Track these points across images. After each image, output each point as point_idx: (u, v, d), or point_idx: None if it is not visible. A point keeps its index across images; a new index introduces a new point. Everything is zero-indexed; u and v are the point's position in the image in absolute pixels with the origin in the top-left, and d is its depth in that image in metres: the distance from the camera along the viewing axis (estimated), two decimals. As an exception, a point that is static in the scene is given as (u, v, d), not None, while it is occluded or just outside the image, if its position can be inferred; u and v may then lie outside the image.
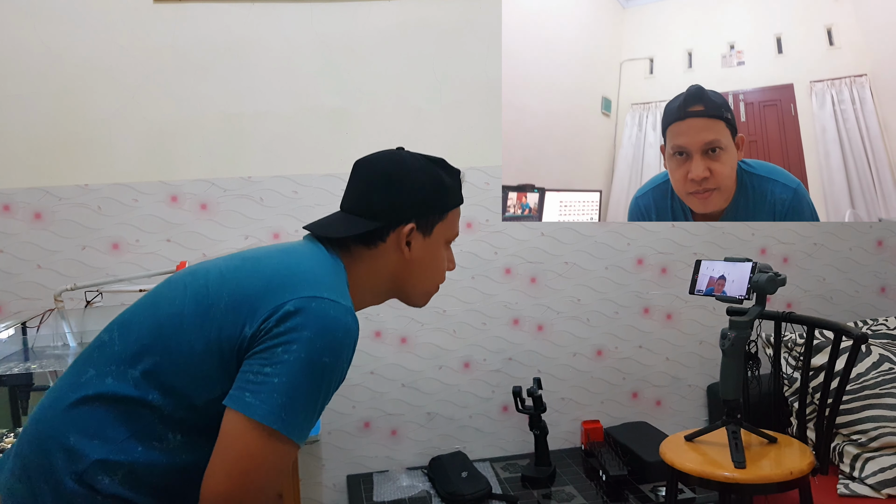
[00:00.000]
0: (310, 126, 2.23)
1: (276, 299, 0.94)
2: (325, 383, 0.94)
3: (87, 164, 2.12)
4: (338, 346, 0.94)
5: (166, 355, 0.96)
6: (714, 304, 2.52)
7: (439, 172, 1.12)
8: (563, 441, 2.47)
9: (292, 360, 0.91)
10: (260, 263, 1.02)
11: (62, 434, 0.95)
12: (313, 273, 1.00)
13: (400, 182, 1.09)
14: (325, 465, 2.32)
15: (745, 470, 1.54)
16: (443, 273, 1.17)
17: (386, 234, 1.09)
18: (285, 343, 0.91)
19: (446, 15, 2.28)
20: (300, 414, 0.92)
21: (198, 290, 1.00)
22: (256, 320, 0.93)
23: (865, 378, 2.14)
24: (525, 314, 2.42)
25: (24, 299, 2.10)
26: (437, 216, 1.12)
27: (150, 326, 0.99)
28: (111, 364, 0.98)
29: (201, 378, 0.95)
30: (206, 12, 2.15)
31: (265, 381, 0.90)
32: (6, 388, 1.71)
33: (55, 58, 2.09)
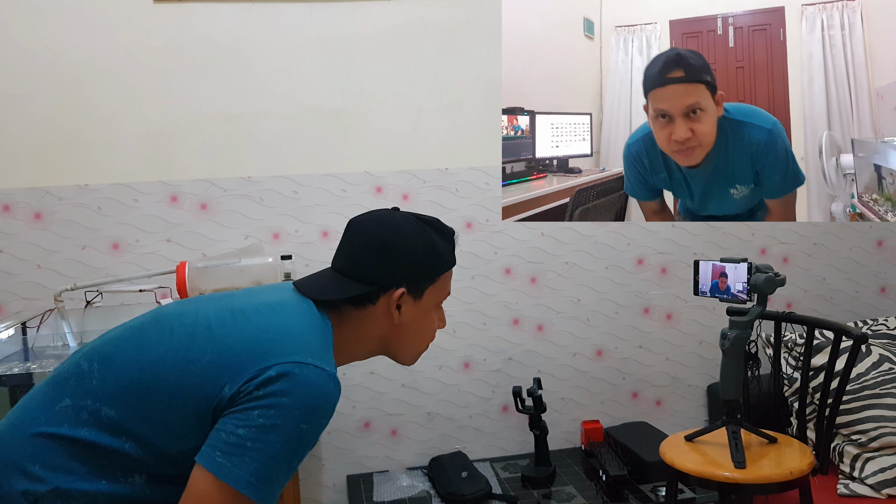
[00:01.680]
0: (310, 126, 2.23)
1: (261, 362, 0.93)
2: (299, 449, 0.93)
3: (87, 165, 2.12)
4: (317, 414, 0.94)
5: (143, 404, 0.94)
6: (714, 304, 2.52)
7: (432, 237, 1.12)
8: (563, 441, 2.47)
9: (268, 426, 0.90)
10: (248, 321, 1.00)
11: (26, 461, 0.93)
12: (300, 336, 0.99)
13: (393, 248, 1.08)
14: (325, 465, 2.32)
15: (745, 470, 1.54)
16: (432, 335, 1.18)
17: (376, 297, 1.09)
18: (264, 407, 0.90)
19: (446, 15, 2.28)
20: (272, 479, 0.91)
21: (183, 340, 0.98)
22: (238, 382, 0.92)
23: (865, 378, 2.14)
24: (525, 314, 2.42)
25: (24, 299, 2.10)
26: (428, 281, 1.12)
27: (131, 370, 0.97)
28: (87, 398, 0.96)
29: (175, 430, 0.94)
30: (206, 12, 2.15)
31: (238, 443, 0.89)
32: (6, 388, 1.71)
33: (55, 58, 2.09)
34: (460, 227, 2.34)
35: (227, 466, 0.89)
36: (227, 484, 0.88)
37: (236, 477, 0.88)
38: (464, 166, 2.33)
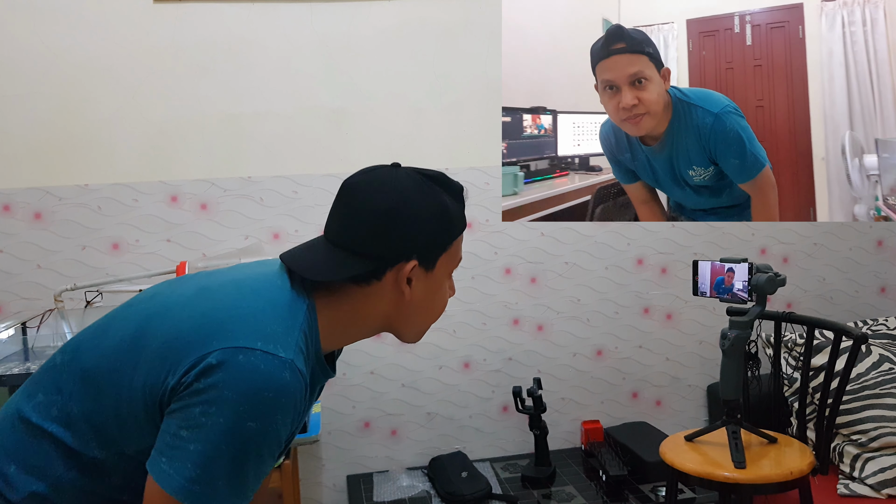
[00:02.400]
0: (310, 126, 2.23)
1: (202, 348, 0.83)
2: (252, 451, 0.81)
3: (86, 164, 2.12)
4: (267, 409, 0.81)
5: (99, 396, 0.88)
6: (714, 304, 2.52)
7: (443, 197, 0.98)
8: (563, 441, 2.47)
9: (210, 425, 0.79)
10: (206, 299, 0.90)
11: (3, 460, 0.89)
12: (254, 315, 0.87)
13: (400, 215, 0.93)
14: (325, 465, 2.32)
15: (745, 470, 1.54)
16: (444, 307, 1.05)
17: (382, 272, 0.94)
18: (204, 403, 0.80)
19: (446, 15, 2.28)
20: (221, 487, 0.80)
21: (142, 324, 0.90)
22: (179, 371, 0.82)
23: (865, 378, 2.14)
24: (525, 314, 2.42)
25: (24, 299, 2.10)
26: (440, 250, 0.98)
27: (93, 359, 0.90)
28: (57, 393, 0.90)
29: (128, 426, 0.86)
30: (206, 12, 2.15)
31: (181, 446, 0.80)
32: (6, 388, 1.71)
33: (55, 58, 2.09)
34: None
35: (170, 474, 0.79)
36: (171, 495, 0.79)
37: (176, 486, 0.79)
38: (464, 166, 2.33)
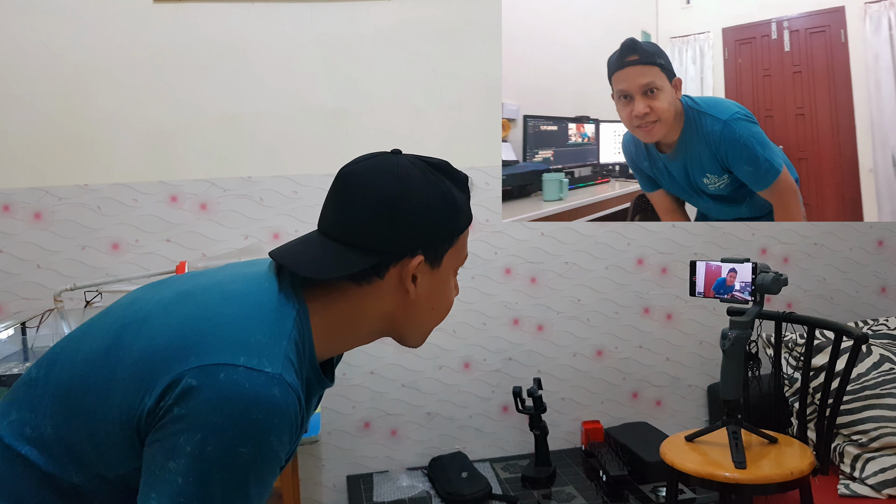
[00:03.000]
0: (310, 126, 2.23)
1: (178, 365, 0.74)
2: (251, 477, 0.74)
3: (86, 164, 2.12)
4: (259, 432, 0.73)
5: (72, 414, 0.80)
6: (714, 304, 2.51)
7: (449, 187, 0.89)
8: (564, 441, 2.47)
9: (198, 455, 0.71)
10: (184, 307, 0.82)
11: None
12: (235, 325, 0.78)
13: (404, 206, 0.85)
14: (325, 466, 2.32)
15: (746, 470, 1.54)
16: (450, 306, 0.96)
17: (385, 269, 0.86)
18: (188, 431, 0.71)
19: (446, 15, 2.28)
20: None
21: (117, 333, 0.82)
22: (155, 392, 0.74)
23: (866, 378, 2.14)
24: (525, 314, 2.42)
25: (24, 299, 2.10)
26: (447, 244, 0.90)
27: (67, 370, 0.83)
28: (32, 411, 0.82)
29: (106, 450, 0.78)
30: (206, 12, 2.15)
31: (169, 479, 0.71)
32: (6, 388, 1.71)
33: (55, 58, 2.08)
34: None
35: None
36: None
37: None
38: (464, 166, 2.28)
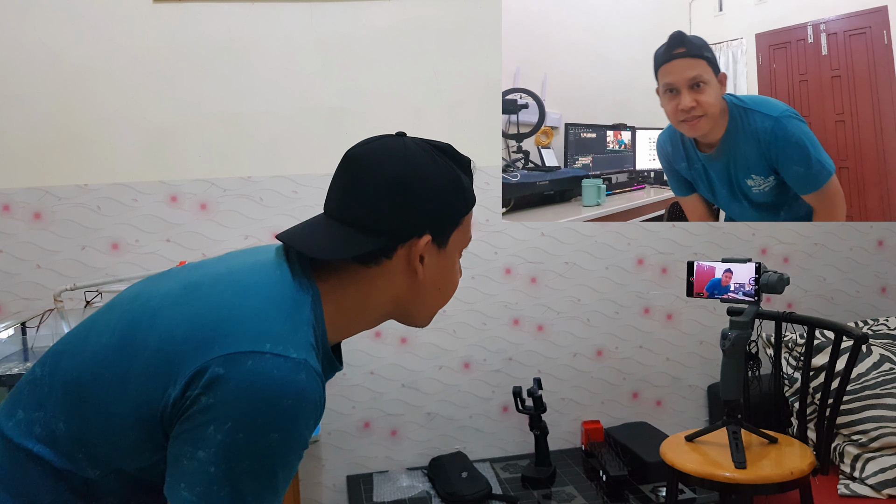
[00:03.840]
0: (310, 126, 2.23)
1: (203, 355, 0.74)
2: (278, 463, 0.74)
3: (86, 164, 2.12)
4: (288, 417, 0.73)
5: (86, 410, 0.79)
6: (714, 304, 2.51)
7: (454, 169, 0.90)
8: (564, 441, 2.47)
9: (229, 443, 0.71)
10: (198, 296, 0.81)
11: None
12: (257, 315, 0.78)
13: (412, 187, 0.85)
14: (325, 466, 2.32)
15: (746, 470, 1.54)
16: (455, 287, 0.97)
17: (394, 249, 0.86)
18: (217, 420, 0.71)
19: (446, 14, 2.28)
20: (251, 501, 0.74)
21: (127, 329, 0.81)
22: (179, 383, 0.74)
23: (866, 378, 2.14)
24: (525, 314, 2.41)
25: (24, 299, 2.10)
26: (453, 224, 0.91)
27: (74, 369, 0.82)
28: (39, 409, 0.82)
29: (122, 447, 0.78)
30: (206, 12, 2.15)
31: (200, 470, 0.72)
32: (6, 388, 1.71)
33: (55, 58, 2.08)
34: (460, 227, 2.34)
35: (194, 501, 0.72)
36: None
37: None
38: (464, 166, 2.32)
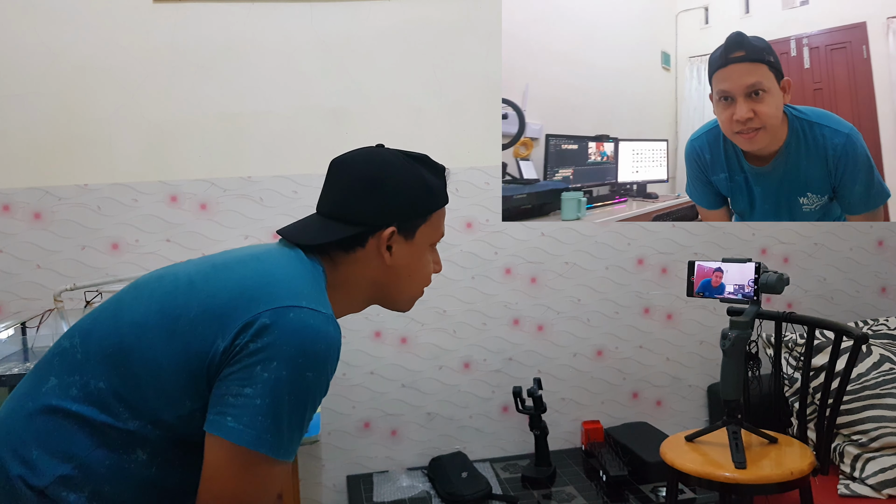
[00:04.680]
0: (310, 126, 2.23)
1: (250, 311, 0.88)
2: (310, 399, 0.89)
3: (86, 164, 2.12)
4: (321, 360, 0.88)
5: (129, 369, 0.89)
6: (714, 304, 2.51)
7: (423, 172, 1.06)
8: (564, 441, 2.47)
9: (273, 379, 0.85)
10: (231, 271, 0.95)
11: (24, 446, 0.89)
12: (288, 280, 0.93)
13: (381, 185, 1.02)
14: (325, 466, 2.32)
15: (746, 470, 1.54)
16: (428, 277, 1.12)
17: (365, 239, 1.03)
18: (264, 361, 0.85)
19: (446, 14, 2.28)
20: (286, 433, 0.87)
21: (164, 299, 0.93)
22: (229, 334, 0.87)
23: (866, 378, 2.14)
24: (525, 314, 2.41)
25: (24, 299, 2.10)
26: (420, 219, 1.07)
27: (112, 336, 0.92)
28: (74, 374, 0.91)
29: (167, 394, 0.88)
30: (206, 12, 2.15)
31: (247, 403, 0.84)
32: (6, 388, 1.71)
33: (55, 58, 2.08)
34: (460, 227, 2.34)
35: (240, 429, 0.84)
36: (246, 447, 0.84)
37: (251, 438, 0.84)
38: (464, 166, 2.33)
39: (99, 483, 0.88)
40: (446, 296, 2.34)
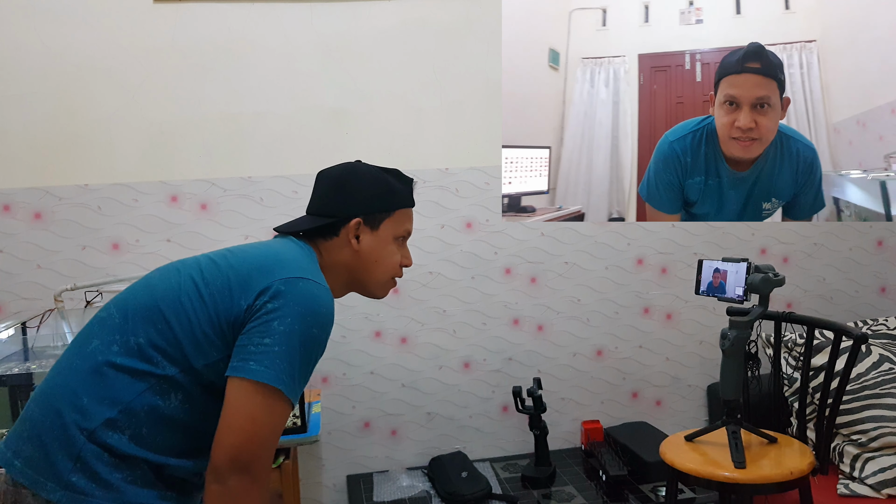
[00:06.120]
0: (310, 126, 2.23)
1: (267, 279, 1.08)
2: (314, 352, 1.08)
3: (87, 164, 2.12)
4: (323, 320, 1.08)
5: (165, 324, 1.07)
6: (714, 304, 2.52)
7: (388, 178, 1.27)
8: (563, 441, 2.47)
9: (288, 332, 1.04)
10: (246, 253, 1.16)
11: (74, 395, 1.04)
12: (294, 258, 1.14)
13: (348, 184, 1.25)
14: (325, 465, 2.32)
15: (745, 470, 1.54)
16: (395, 266, 1.29)
17: (338, 228, 1.24)
18: (280, 317, 1.04)
19: (446, 15, 2.28)
20: (297, 378, 1.05)
21: (192, 273, 1.12)
22: (250, 296, 1.07)
23: (865, 378, 2.14)
24: (525, 314, 2.42)
25: (24, 299, 2.10)
26: (383, 213, 1.26)
27: (148, 301, 1.10)
28: (114, 334, 1.08)
29: (198, 345, 1.06)
30: (206, 12, 2.15)
31: (266, 350, 1.03)
32: (6, 388, 1.71)
33: (55, 58, 2.09)
34: (460, 227, 2.34)
35: (261, 370, 1.02)
36: (266, 383, 1.01)
37: (271, 376, 1.02)
38: (464, 166, 2.33)
39: (139, 425, 1.04)
40: (446, 296, 2.34)
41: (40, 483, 1.01)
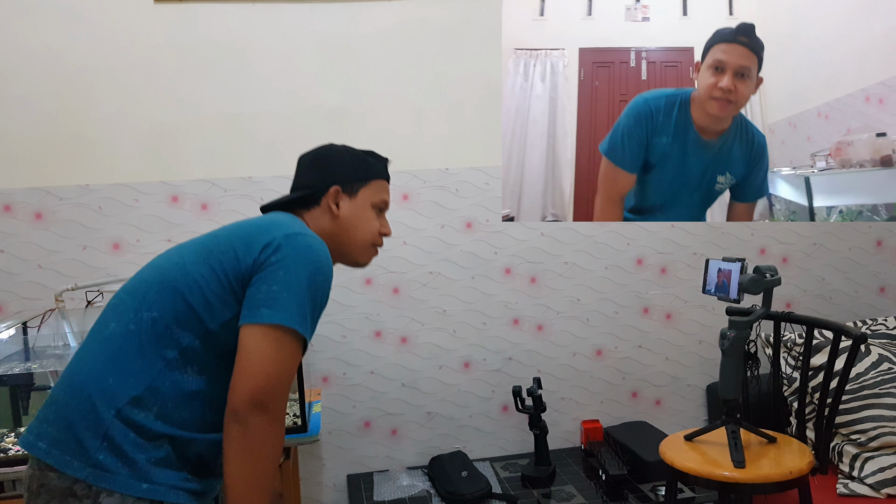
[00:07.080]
0: (310, 126, 2.23)
1: (268, 236, 1.14)
2: (318, 298, 1.14)
3: (87, 164, 2.12)
4: (324, 269, 1.15)
5: (176, 293, 1.11)
6: (714, 304, 2.52)
7: (362, 154, 1.37)
8: (563, 441, 2.47)
9: (294, 280, 1.10)
10: (242, 223, 1.22)
11: (100, 376, 1.08)
12: (290, 222, 1.21)
13: (325, 158, 1.35)
14: (326, 465, 2.33)
15: (745, 469, 1.55)
16: (374, 232, 1.35)
17: (318, 198, 1.31)
18: (285, 267, 1.11)
19: (446, 15, 2.28)
20: (307, 317, 1.11)
21: (194, 246, 1.18)
22: (254, 251, 1.12)
23: (865, 378, 2.14)
24: (525, 314, 2.42)
25: (25, 299, 2.10)
26: (360, 182, 1.33)
27: (156, 278, 1.15)
28: (129, 313, 1.12)
29: (210, 305, 1.11)
30: (207, 12, 2.15)
31: (275, 295, 1.09)
32: (7, 387, 1.72)
33: (55, 58, 2.09)
34: (460, 227, 2.35)
35: (273, 313, 1.07)
36: (278, 324, 1.07)
37: (283, 317, 1.07)
38: (464, 166, 2.33)
39: (164, 401, 1.08)
40: (446, 296, 2.35)
41: (66, 462, 1.03)
